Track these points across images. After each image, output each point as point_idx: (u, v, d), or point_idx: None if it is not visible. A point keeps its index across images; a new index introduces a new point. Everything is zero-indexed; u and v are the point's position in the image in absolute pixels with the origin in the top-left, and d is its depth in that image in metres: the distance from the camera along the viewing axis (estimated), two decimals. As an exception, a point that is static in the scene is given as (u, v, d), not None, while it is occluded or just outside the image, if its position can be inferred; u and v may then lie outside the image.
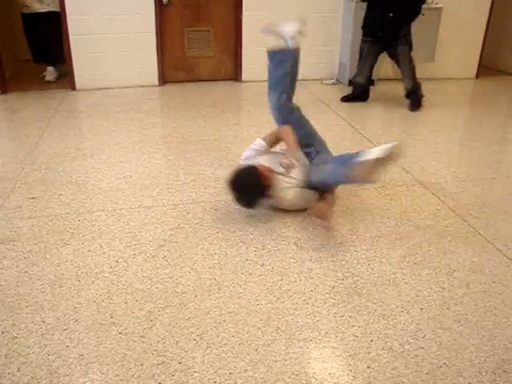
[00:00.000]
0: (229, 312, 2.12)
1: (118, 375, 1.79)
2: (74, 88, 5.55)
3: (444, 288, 2.30)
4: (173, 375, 1.80)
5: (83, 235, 2.66)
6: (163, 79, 5.90)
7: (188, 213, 2.92)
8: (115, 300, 2.17)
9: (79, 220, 2.81)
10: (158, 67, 5.79)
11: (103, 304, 2.14)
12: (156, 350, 1.91)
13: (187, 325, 2.05)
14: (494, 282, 2.36)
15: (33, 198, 3.03)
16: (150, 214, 2.90)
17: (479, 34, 6.56)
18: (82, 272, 2.36)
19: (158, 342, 1.95)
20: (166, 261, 2.47)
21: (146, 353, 1.90)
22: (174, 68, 5.97)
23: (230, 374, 1.81)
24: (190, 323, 2.05)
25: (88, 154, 3.81)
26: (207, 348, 1.93)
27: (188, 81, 6.03)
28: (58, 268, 2.38)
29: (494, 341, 1.99)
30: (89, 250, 2.53)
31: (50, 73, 5.79)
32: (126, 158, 3.70)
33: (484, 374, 1.83)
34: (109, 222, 2.80)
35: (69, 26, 5.31)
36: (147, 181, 3.33)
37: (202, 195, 3.15)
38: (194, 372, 1.81)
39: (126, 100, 5.26)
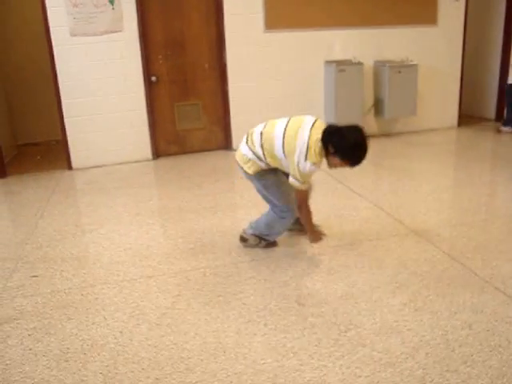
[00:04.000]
0: (235, 373, 2.12)
1: None
2: (70, 167, 5.72)
3: (447, 331, 2.32)
4: None
5: (87, 309, 2.69)
6: (156, 153, 6.07)
7: (189, 280, 2.96)
8: (122, 370, 2.17)
9: (82, 294, 2.84)
10: (151, 142, 5.99)
11: (110, 375, 2.14)
12: (165, 416, 1.91)
13: (195, 389, 2.04)
14: (496, 321, 2.38)
15: (35, 276, 3.07)
16: (151, 284, 2.94)
17: (455, 86, 6.89)
18: (88, 345, 2.36)
19: (167, 408, 1.95)
20: (170, 328, 2.48)
21: (155, 421, 1.89)
22: (166, 142, 6.17)
23: (241, 435, 1.79)
24: (197, 387, 2.05)
25: (87, 229, 3.88)
26: (216, 411, 1.92)
27: (180, 153, 6.21)
28: (63, 343, 2.39)
29: (503, 379, 1.99)
30: (93, 323, 2.54)
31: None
32: (125, 231, 3.77)
33: (495, 413, 1.83)
34: (111, 295, 2.83)
35: (63, 108, 5.54)
36: (147, 251, 3.38)
37: (201, 261, 3.20)
38: None
39: (121, 176, 5.40)
